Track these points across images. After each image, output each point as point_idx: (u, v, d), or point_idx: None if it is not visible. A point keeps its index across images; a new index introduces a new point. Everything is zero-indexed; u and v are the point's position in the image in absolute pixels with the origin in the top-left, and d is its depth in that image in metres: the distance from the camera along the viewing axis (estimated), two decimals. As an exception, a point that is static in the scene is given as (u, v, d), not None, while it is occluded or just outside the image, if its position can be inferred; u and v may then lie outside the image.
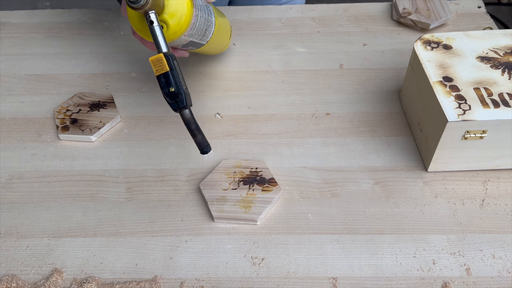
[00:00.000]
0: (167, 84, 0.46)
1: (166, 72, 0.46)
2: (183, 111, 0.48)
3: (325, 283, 0.48)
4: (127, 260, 0.50)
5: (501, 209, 0.53)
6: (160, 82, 0.46)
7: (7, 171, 0.60)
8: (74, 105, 0.67)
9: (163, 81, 0.46)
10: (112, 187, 0.57)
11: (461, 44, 0.59)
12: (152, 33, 0.47)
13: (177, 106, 0.47)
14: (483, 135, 0.51)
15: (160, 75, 0.46)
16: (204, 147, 0.50)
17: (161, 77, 0.46)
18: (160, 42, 0.47)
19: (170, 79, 0.46)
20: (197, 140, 0.49)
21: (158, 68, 0.46)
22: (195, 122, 0.49)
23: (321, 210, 0.54)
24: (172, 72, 0.46)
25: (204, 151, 0.50)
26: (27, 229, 0.54)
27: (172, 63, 0.47)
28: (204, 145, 0.50)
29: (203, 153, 0.50)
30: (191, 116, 0.49)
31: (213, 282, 0.48)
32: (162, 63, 0.46)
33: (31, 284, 0.49)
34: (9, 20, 0.84)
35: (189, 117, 0.48)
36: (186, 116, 0.48)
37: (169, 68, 0.46)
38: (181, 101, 0.47)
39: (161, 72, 0.46)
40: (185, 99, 0.47)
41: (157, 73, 0.46)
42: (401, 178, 0.57)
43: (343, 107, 0.66)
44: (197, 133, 0.49)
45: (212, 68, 0.73)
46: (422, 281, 0.47)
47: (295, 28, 0.80)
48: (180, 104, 0.47)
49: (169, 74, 0.46)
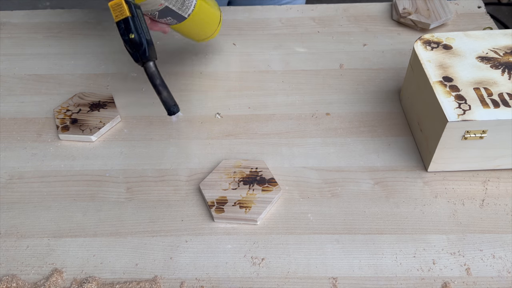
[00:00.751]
0: (127, 31, 0.44)
1: (126, 17, 0.44)
2: (146, 63, 0.45)
3: (325, 283, 0.48)
4: (127, 260, 0.50)
5: (501, 209, 0.53)
6: (120, 28, 0.44)
7: (7, 171, 0.60)
8: (74, 105, 0.67)
9: (123, 27, 0.44)
10: (112, 187, 0.57)
11: (461, 44, 0.59)
12: None
13: (138, 56, 0.45)
14: (483, 135, 0.51)
15: (120, 21, 0.44)
16: (171, 107, 0.47)
17: (120, 23, 0.44)
18: None
19: (130, 25, 0.44)
20: (163, 97, 0.47)
21: (118, 13, 0.44)
22: (161, 77, 0.46)
23: (321, 210, 0.54)
24: (133, 19, 0.44)
25: (171, 111, 0.47)
26: (27, 229, 0.54)
27: (134, 10, 0.44)
28: (170, 104, 0.47)
29: (170, 113, 0.47)
30: (155, 70, 0.46)
31: (213, 282, 0.48)
32: (121, 8, 0.44)
33: (31, 284, 0.49)
34: (9, 20, 0.84)
35: (153, 70, 0.46)
36: (149, 69, 0.46)
37: (130, 14, 0.44)
38: (143, 51, 0.45)
39: (121, 18, 0.44)
40: (148, 50, 0.45)
41: (116, 19, 0.44)
42: (401, 178, 0.57)
43: (343, 107, 0.66)
44: (162, 90, 0.46)
45: (212, 68, 0.73)
46: (422, 281, 0.47)
47: (295, 28, 0.80)
48: (142, 55, 0.45)
49: (129, 19, 0.44)
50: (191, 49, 0.77)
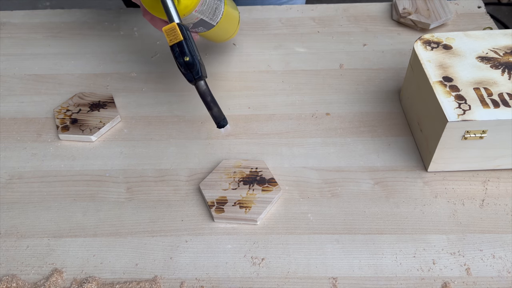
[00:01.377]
0: (182, 54, 0.45)
1: (180, 41, 0.45)
2: (198, 82, 0.47)
3: (325, 283, 0.48)
4: (127, 260, 0.50)
5: (501, 209, 0.53)
6: (175, 52, 0.46)
7: (7, 171, 0.60)
8: (74, 105, 0.67)
9: (177, 50, 0.45)
10: (112, 187, 0.57)
11: (461, 44, 0.59)
12: (164, 5, 0.46)
13: (192, 76, 0.46)
14: (483, 135, 0.51)
15: (174, 45, 0.45)
16: (220, 120, 0.49)
17: (175, 47, 0.46)
18: (172, 12, 0.46)
19: (184, 48, 0.45)
20: (213, 113, 0.49)
21: (172, 38, 0.45)
22: (211, 94, 0.48)
23: (321, 210, 0.54)
24: (186, 42, 0.46)
25: (220, 124, 0.49)
26: (27, 229, 0.54)
27: (186, 33, 0.46)
28: (220, 118, 0.49)
29: (220, 126, 0.49)
30: (207, 88, 0.48)
31: (213, 282, 0.48)
32: (175, 32, 0.45)
33: (31, 284, 0.49)
34: (9, 20, 0.84)
35: (204, 89, 0.47)
36: (201, 88, 0.47)
37: (183, 38, 0.45)
38: (197, 71, 0.46)
39: (175, 42, 0.45)
40: (200, 70, 0.46)
41: (171, 43, 0.46)
42: (401, 178, 0.57)
43: (343, 107, 0.66)
44: (213, 106, 0.48)
45: (212, 68, 0.73)
46: (422, 281, 0.47)
47: (295, 28, 0.80)
48: (195, 75, 0.46)
49: (183, 43, 0.45)
50: (191, 49, 0.77)
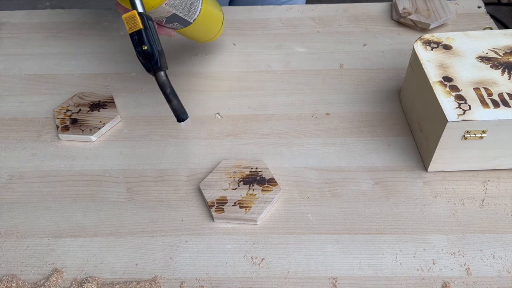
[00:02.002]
0: (140, 42, 0.45)
1: (139, 29, 0.45)
2: (157, 73, 0.47)
3: (325, 283, 0.48)
4: (127, 260, 0.50)
5: (501, 209, 0.53)
6: (133, 40, 0.46)
7: (7, 171, 0.60)
8: (74, 105, 0.67)
9: (136, 39, 0.45)
10: (112, 187, 0.57)
11: (461, 44, 0.59)
12: None
13: (150, 66, 0.46)
14: (483, 135, 0.51)
15: (133, 33, 0.45)
16: (180, 114, 0.49)
17: (134, 35, 0.45)
18: (136, 1, 0.46)
19: (143, 37, 0.45)
20: (173, 105, 0.48)
21: (131, 26, 0.45)
22: (171, 86, 0.48)
23: (321, 210, 0.54)
24: (146, 31, 0.45)
25: (180, 118, 0.49)
26: (27, 229, 0.54)
27: (146, 22, 0.46)
28: (180, 112, 0.49)
29: (180, 120, 0.49)
30: (166, 79, 0.47)
31: (213, 282, 0.48)
32: (135, 20, 0.45)
33: (31, 284, 0.49)
34: (9, 20, 0.84)
35: (164, 80, 0.47)
36: (161, 79, 0.47)
37: (142, 26, 0.45)
38: (155, 61, 0.46)
39: (134, 30, 0.45)
40: (160, 60, 0.46)
41: (130, 31, 0.45)
42: (401, 178, 0.57)
43: (343, 107, 0.66)
44: (173, 98, 0.48)
45: (212, 68, 0.73)
46: (422, 281, 0.47)
47: (295, 28, 0.80)
48: (154, 65, 0.46)
49: (142, 31, 0.45)
50: (191, 49, 0.77)
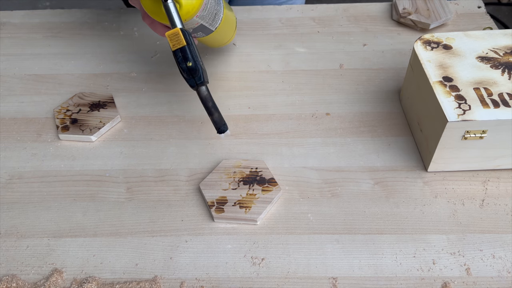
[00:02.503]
0: (184, 59, 0.46)
1: (183, 46, 0.46)
2: (200, 87, 0.48)
3: (325, 283, 0.48)
4: (127, 260, 0.50)
5: (501, 209, 0.53)
6: (177, 57, 0.46)
7: (7, 171, 0.60)
8: (74, 105, 0.67)
9: (180, 55, 0.46)
10: (112, 187, 0.57)
11: (461, 44, 0.59)
12: (167, 10, 0.47)
13: (194, 82, 0.47)
14: (483, 135, 0.51)
15: (177, 50, 0.46)
16: (221, 126, 0.50)
17: (178, 52, 0.46)
18: (175, 18, 0.47)
19: (187, 54, 0.46)
20: (214, 118, 0.49)
21: (175, 43, 0.46)
22: (212, 99, 0.49)
23: (321, 210, 0.54)
24: (189, 47, 0.46)
25: (221, 130, 0.50)
26: (27, 229, 0.54)
27: (188, 38, 0.46)
28: (221, 124, 0.50)
29: (220, 132, 0.50)
30: (208, 93, 0.48)
31: (213, 282, 0.48)
32: (179, 37, 0.46)
33: (31, 284, 0.49)
34: (9, 20, 0.84)
35: (206, 94, 0.48)
36: (203, 93, 0.48)
37: (186, 43, 0.46)
38: (199, 77, 0.47)
39: (178, 47, 0.46)
40: (203, 75, 0.47)
41: (173, 48, 0.46)
42: (401, 178, 0.57)
43: (343, 107, 0.66)
44: (214, 111, 0.49)
45: (212, 68, 0.73)
46: (422, 281, 0.47)
47: (295, 28, 0.80)
48: (197, 80, 0.47)
49: (186, 48, 0.46)
50: (191, 49, 0.77)
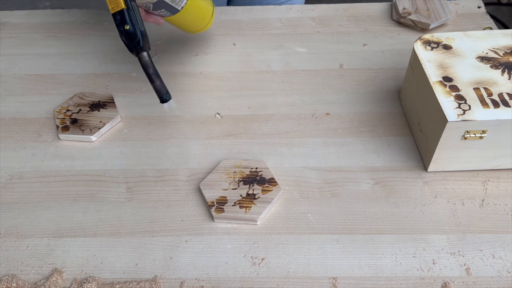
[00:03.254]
0: (122, 22, 0.46)
1: (122, 9, 0.46)
2: (140, 53, 0.48)
3: (325, 283, 0.48)
4: (127, 260, 0.50)
5: (501, 209, 0.53)
6: (116, 19, 0.47)
7: (7, 171, 0.60)
8: (74, 105, 0.67)
9: (118, 18, 0.46)
10: (112, 187, 0.57)
11: (461, 44, 0.59)
12: None
13: (133, 46, 0.47)
14: (483, 135, 0.51)
15: (116, 13, 0.46)
16: (163, 95, 0.50)
17: (116, 15, 0.46)
18: None
19: (125, 17, 0.46)
20: (156, 86, 0.49)
21: (114, 6, 0.46)
22: (154, 66, 0.49)
23: (321, 210, 0.54)
24: (128, 11, 0.46)
25: (163, 99, 0.50)
26: (27, 229, 0.54)
27: (129, 3, 0.47)
28: (163, 92, 0.50)
29: (163, 101, 0.50)
30: (149, 60, 0.49)
31: (213, 282, 0.48)
32: (117, 1, 0.46)
33: (31, 284, 0.49)
34: (9, 20, 0.84)
35: (146, 60, 0.48)
36: (143, 59, 0.48)
37: (125, 6, 0.46)
38: (138, 41, 0.47)
39: (117, 10, 0.46)
40: (142, 40, 0.47)
41: (112, 11, 0.46)
42: (401, 178, 0.57)
43: (343, 107, 0.66)
44: (155, 78, 0.49)
45: (212, 68, 0.73)
46: (422, 281, 0.48)
47: (295, 28, 0.80)
48: (136, 45, 0.47)
49: (125, 11, 0.46)
50: (191, 49, 0.77)
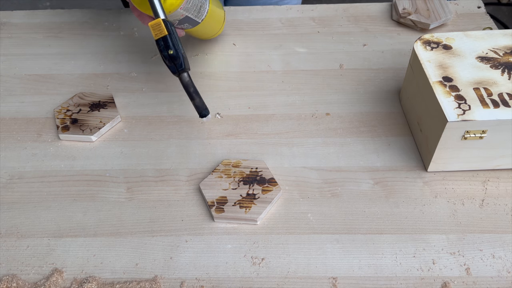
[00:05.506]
0: (166, 47, 0.49)
1: (165, 35, 0.49)
2: (181, 74, 0.51)
3: (325, 283, 0.48)
4: (127, 260, 0.50)
5: (501, 209, 0.53)
6: (159, 45, 0.49)
7: (7, 171, 0.60)
8: (75, 105, 0.67)
9: (162, 44, 0.49)
10: (112, 187, 0.58)
11: (461, 44, 0.59)
12: (151, 3, 0.50)
13: (175, 68, 0.50)
14: (482, 135, 0.51)
15: (160, 39, 0.49)
16: (202, 110, 0.53)
17: (160, 41, 0.49)
18: (158, 9, 0.50)
19: (168, 42, 0.49)
20: (196, 103, 0.52)
21: (157, 32, 0.49)
22: (193, 85, 0.52)
23: (321, 210, 0.54)
24: (170, 36, 0.49)
25: (202, 114, 0.53)
26: (27, 229, 0.54)
27: (170, 28, 0.49)
28: (202, 108, 0.53)
29: (202, 116, 0.53)
30: (189, 79, 0.51)
31: (213, 282, 0.48)
32: (160, 27, 0.49)
33: (32, 284, 0.49)
34: (9, 20, 0.84)
35: (187, 80, 0.51)
36: (185, 79, 0.51)
37: (167, 32, 0.49)
38: (180, 64, 0.50)
39: (160, 36, 0.49)
40: (183, 62, 0.50)
41: (156, 37, 0.49)
42: (401, 178, 0.57)
43: (343, 107, 0.66)
44: (196, 96, 0.52)
45: (212, 68, 0.73)
46: (422, 281, 0.48)
47: (295, 28, 0.80)
48: (178, 67, 0.50)
49: (168, 37, 0.49)
50: (191, 49, 0.77)
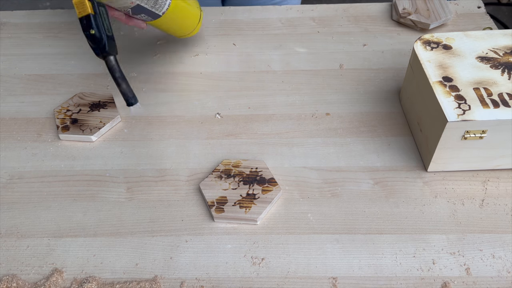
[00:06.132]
0: (88, 27, 0.47)
1: (88, 14, 0.47)
2: (107, 57, 0.49)
3: (325, 283, 0.48)
4: (127, 260, 0.50)
5: (500, 209, 0.53)
6: (82, 24, 0.47)
7: (7, 171, 0.60)
8: (75, 105, 0.67)
9: (85, 23, 0.47)
10: (112, 187, 0.58)
11: (461, 44, 0.59)
12: None
13: (99, 51, 0.48)
14: (482, 135, 0.51)
15: (83, 17, 0.47)
16: (129, 98, 0.50)
17: (82, 19, 0.47)
18: None
19: (91, 22, 0.47)
20: (122, 89, 0.50)
21: (81, 10, 0.47)
22: (120, 70, 0.50)
23: (321, 210, 0.54)
24: (94, 16, 0.47)
25: (130, 102, 0.50)
26: (27, 229, 0.54)
27: (97, 8, 0.48)
28: (129, 96, 0.50)
29: (129, 104, 0.50)
30: (116, 64, 0.49)
31: (213, 282, 0.48)
32: (84, 5, 0.47)
33: (32, 284, 0.49)
34: (9, 20, 0.84)
35: (113, 64, 0.49)
36: (110, 63, 0.49)
37: (92, 11, 0.47)
38: (103, 46, 0.48)
39: (83, 14, 0.47)
40: (107, 45, 0.48)
41: (79, 15, 0.47)
42: (401, 178, 0.57)
43: (343, 107, 0.66)
44: (122, 82, 0.50)
45: (212, 68, 0.73)
46: (422, 281, 0.48)
47: (295, 28, 0.80)
48: (102, 49, 0.48)
49: (90, 16, 0.47)
50: (191, 49, 0.77)
